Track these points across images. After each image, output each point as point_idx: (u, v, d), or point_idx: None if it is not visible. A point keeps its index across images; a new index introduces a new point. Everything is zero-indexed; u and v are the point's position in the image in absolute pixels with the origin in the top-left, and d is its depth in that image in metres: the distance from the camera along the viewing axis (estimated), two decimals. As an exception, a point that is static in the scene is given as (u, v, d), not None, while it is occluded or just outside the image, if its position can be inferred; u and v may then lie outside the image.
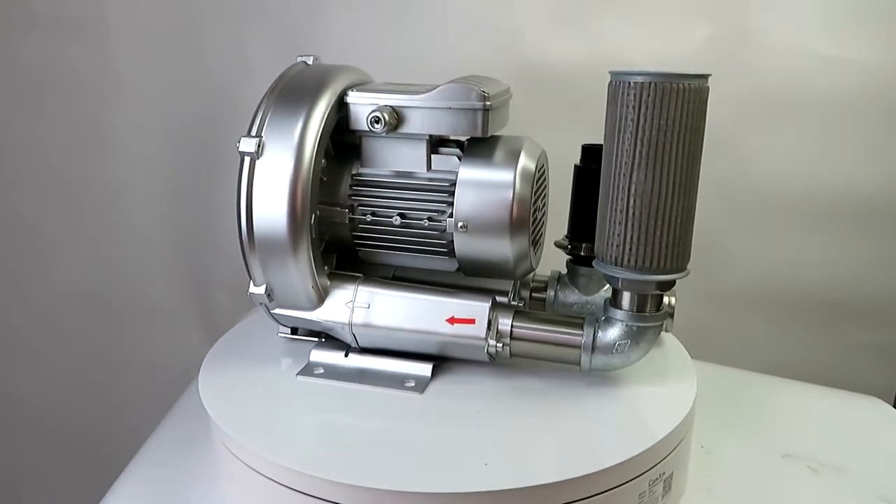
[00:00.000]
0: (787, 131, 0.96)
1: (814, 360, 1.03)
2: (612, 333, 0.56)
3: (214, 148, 1.01)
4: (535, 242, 0.62)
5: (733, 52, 0.93)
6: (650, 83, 0.50)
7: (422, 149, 0.60)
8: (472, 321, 0.58)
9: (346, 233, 0.63)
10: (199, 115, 1.00)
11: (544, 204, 0.64)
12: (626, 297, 0.56)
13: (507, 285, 0.64)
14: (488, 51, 0.95)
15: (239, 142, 0.56)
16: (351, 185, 0.62)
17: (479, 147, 0.59)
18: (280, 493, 0.49)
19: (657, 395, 0.58)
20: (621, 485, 0.49)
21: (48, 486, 1.15)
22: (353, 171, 0.63)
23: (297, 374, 0.61)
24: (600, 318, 0.57)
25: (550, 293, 0.66)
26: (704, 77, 0.51)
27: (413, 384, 0.59)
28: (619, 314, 0.56)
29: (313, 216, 0.57)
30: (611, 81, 0.52)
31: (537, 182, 0.60)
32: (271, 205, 0.56)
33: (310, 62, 0.62)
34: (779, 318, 1.03)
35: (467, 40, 0.95)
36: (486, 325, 0.58)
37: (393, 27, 0.96)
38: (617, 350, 0.56)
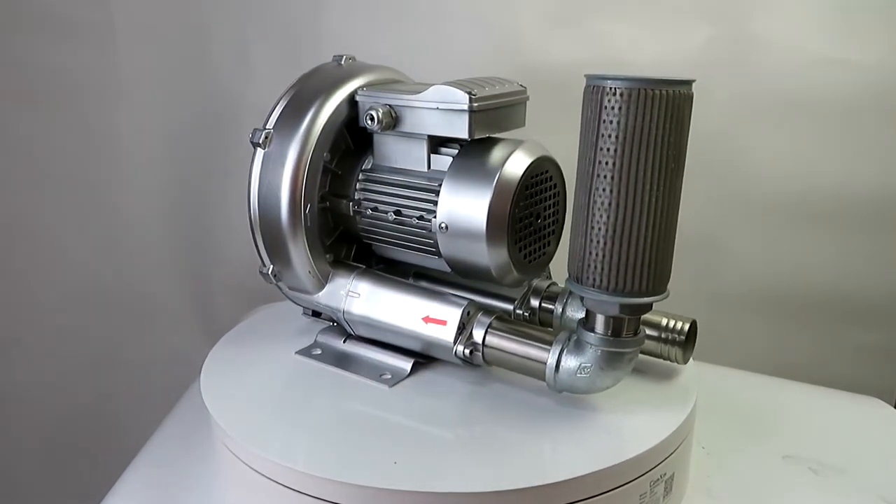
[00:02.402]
0: (787, 132, 0.97)
1: (814, 360, 1.04)
2: (578, 356, 0.55)
3: (216, 148, 1.02)
4: (530, 252, 0.63)
5: (734, 53, 0.95)
6: (615, 89, 0.47)
7: (421, 148, 0.64)
8: (443, 322, 0.60)
9: (354, 225, 0.67)
10: (201, 116, 1.02)
11: (552, 213, 0.65)
12: (593, 319, 0.53)
13: (518, 293, 0.66)
14: (489, 52, 0.96)
15: (252, 133, 0.62)
16: (358, 180, 0.67)
17: (471, 149, 0.62)
18: (280, 494, 0.51)
19: (658, 396, 0.58)
20: (622, 485, 0.51)
21: (48, 487, 1.16)
22: (362, 167, 0.67)
23: (296, 353, 0.67)
24: (572, 338, 0.56)
25: (558, 307, 0.65)
26: (688, 83, 0.48)
27: (389, 377, 0.63)
28: (586, 336, 0.54)
29: (309, 206, 0.63)
30: (586, 85, 0.49)
31: (529, 189, 0.61)
32: (271, 193, 0.62)
33: (342, 62, 0.67)
34: (779, 319, 1.04)
35: (469, 42, 0.97)
36: (455, 328, 0.60)
37: (394, 29, 0.96)
38: (581, 373, 0.55)
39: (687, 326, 0.62)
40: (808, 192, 1.01)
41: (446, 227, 0.60)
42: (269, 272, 0.65)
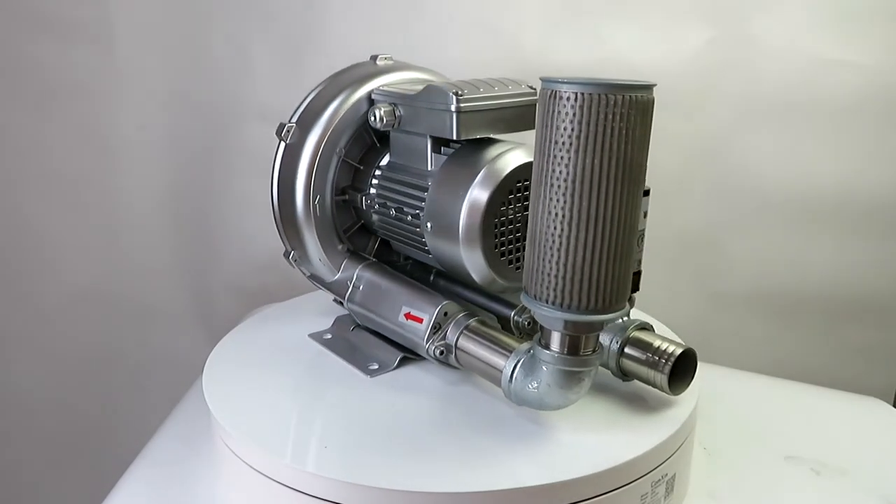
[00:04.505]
0: (787, 132, 0.99)
1: (815, 360, 1.05)
2: (530, 370, 0.53)
3: (217, 149, 1.03)
4: (517, 259, 0.62)
5: (734, 54, 0.95)
6: (568, 93, 0.44)
7: (424, 146, 0.65)
8: (420, 320, 0.62)
9: (369, 218, 0.71)
10: (201, 116, 1.02)
11: None
12: (545, 333, 0.51)
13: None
14: (491, 54, 0.96)
15: (278, 126, 0.68)
16: (373, 175, 0.70)
17: (465, 149, 0.63)
18: (280, 493, 0.52)
19: (659, 397, 0.58)
20: (623, 486, 0.51)
21: (50, 487, 1.15)
22: (379, 163, 0.70)
23: (309, 335, 0.72)
24: (531, 350, 0.54)
25: None
26: (648, 87, 0.46)
27: (375, 367, 0.65)
28: (538, 350, 0.52)
29: (318, 197, 0.67)
30: (542, 89, 0.47)
31: (518, 192, 0.60)
32: (287, 184, 0.68)
33: (379, 61, 0.70)
34: (780, 319, 1.05)
35: (470, 42, 0.97)
36: (429, 327, 0.61)
37: (396, 29, 0.96)
38: (531, 387, 0.53)
39: (678, 352, 0.56)
40: (809, 193, 1.02)
41: (431, 227, 0.61)
42: (291, 257, 0.71)
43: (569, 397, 0.53)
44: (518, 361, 0.54)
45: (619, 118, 0.44)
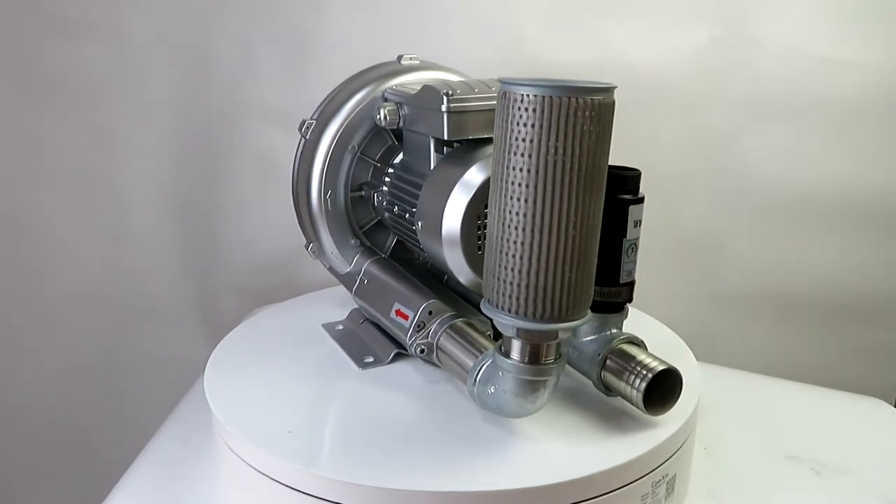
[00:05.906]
0: (789, 132, 0.99)
1: (816, 361, 1.06)
2: (490, 374, 0.53)
3: (221, 149, 1.03)
4: None
5: (736, 54, 0.95)
6: (525, 96, 0.43)
7: (427, 145, 0.66)
8: (406, 317, 0.63)
9: (383, 215, 0.73)
10: (204, 116, 1.01)
11: None
12: (504, 340, 0.51)
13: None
14: (492, 53, 0.96)
15: (300, 123, 0.71)
16: (386, 173, 0.72)
17: (458, 150, 0.64)
18: (281, 492, 0.53)
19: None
20: (624, 486, 0.51)
21: (50, 487, 1.15)
22: (393, 161, 0.72)
23: (322, 325, 0.74)
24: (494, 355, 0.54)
25: None
26: (609, 90, 0.44)
27: (370, 360, 0.67)
28: (496, 357, 0.52)
29: (329, 192, 0.70)
30: (499, 91, 0.46)
31: None
32: (303, 179, 0.70)
33: (403, 61, 0.72)
34: (781, 320, 1.06)
35: (471, 42, 0.97)
36: (412, 324, 0.62)
37: (397, 30, 0.97)
38: (489, 392, 0.53)
39: (660, 368, 0.53)
40: (810, 193, 1.03)
41: (421, 225, 0.63)
42: (310, 249, 0.73)
43: (526, 406, 0.52)
44: (483, 365, 0.54)
45: (577, 122, 0.43)
